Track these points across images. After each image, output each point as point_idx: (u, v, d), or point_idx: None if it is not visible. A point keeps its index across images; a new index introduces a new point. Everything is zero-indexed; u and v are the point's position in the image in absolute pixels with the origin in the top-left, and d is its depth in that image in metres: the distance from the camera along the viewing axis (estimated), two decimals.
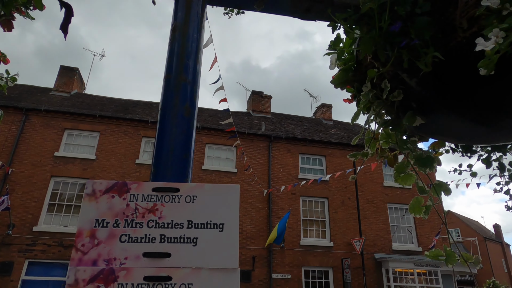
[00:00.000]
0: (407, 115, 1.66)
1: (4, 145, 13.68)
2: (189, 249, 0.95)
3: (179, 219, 0.97)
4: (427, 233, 16.09)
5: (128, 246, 0.93)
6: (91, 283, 0.87)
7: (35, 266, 12.58)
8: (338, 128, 18.88)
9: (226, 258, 0.95)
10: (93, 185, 0.99)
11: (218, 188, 1.02)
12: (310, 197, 15.60)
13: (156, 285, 0.91)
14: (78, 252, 0.90)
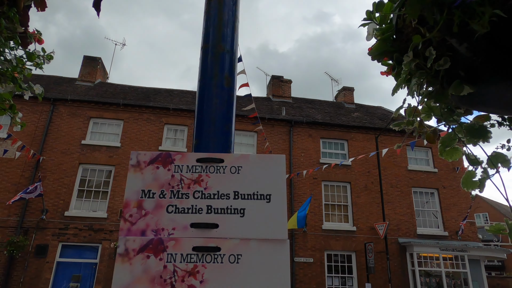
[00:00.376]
0: (454, 84, 1.55)
1: (35, 134, 14.24)
2: (236, 220, 0.93)
3: (225, 190, 0.95)
4: (453, 217, 15.68)
5: (175, 216, 0.92)
6: (141, 253, 0.87)
7: (68, 248, 13.22)
8: (361, 112, 18.46)
9: (274, 229, 0.93)
10: (137, 156, 0.97)
11: (263, 159, 0.99)
12: (332, 182, 15.46)
13: (205, 255, 0.90)
14: (126, 223, 0.90)
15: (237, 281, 0.88)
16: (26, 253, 12.67)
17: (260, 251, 0.91)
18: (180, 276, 0.87)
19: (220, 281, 0.88)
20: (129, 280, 0.85)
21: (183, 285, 0.87)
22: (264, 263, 0.90)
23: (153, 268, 0.87)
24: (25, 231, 12.98)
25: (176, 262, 0.89)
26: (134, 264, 0.87)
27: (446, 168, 16.48)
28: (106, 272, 12.92)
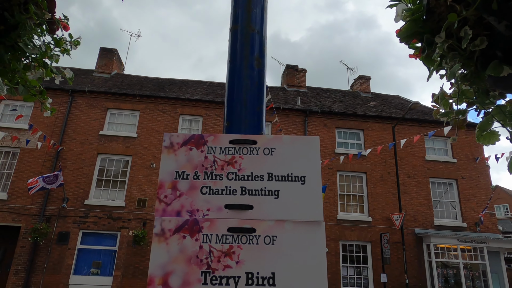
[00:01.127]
0: (492, 65, 1.49)
1: (54, 125, 14.60)
2: (271, 201, 0.92)
3: (259, 172, 0.94)
4: (472, 208, 15.34)
5: (209, 198, 0.92)
6: (177, 233, 0.87)
7: (88, 236, 13.63)
8: (377, 101, 18.11)
9: (310, 211, 0.91)
10: (170, 138, 0.97)
11: (297, 140, 0.97)
12: (348, 172, 15.33)
13: (241, 236, 0.89)
14: (161, 203, 0.90)
15: (273, 262, 0.87)
16: (49, 240, 13.14)
17: (295, 232, 0.90)
18: (216, 257, 0.87)
19: (256, 262, 0.87)
20: (166, 260, 0.86)
21: (219, 265, 0.87)
22: (300, 245, 0.89)
23: (190, 248, 0.88)
24: (47, 218, 13.44)
25: (211, 242, 0.89)
26: (170, 244, 0.88)
27: (465, 158, 16.07)
28: (125, 259, 13.28)
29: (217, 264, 0.87)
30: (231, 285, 0.85)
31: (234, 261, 0.87)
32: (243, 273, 0.86)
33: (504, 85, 1.69)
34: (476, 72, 1.58)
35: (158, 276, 0.85)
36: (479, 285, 14.14)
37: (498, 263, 14.73)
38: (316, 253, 0.88)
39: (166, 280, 0.84)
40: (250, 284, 0.85)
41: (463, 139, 16.35)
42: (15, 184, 13.74)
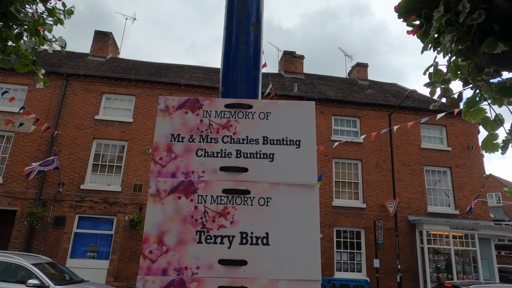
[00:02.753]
0: (487, 41, 1.48)
1: (49, 109, 14.45)
2: (266, 164, 0.93)
3: (254, 135, 0.94)
4: (465, 196, 15.56)
5: (205, 160, 0.92)
6: (172, 194, 0.88)
7: (85, 220, 13.68)
8: (374, 89, 18.09)
9: (304, 174, 0.92)
10: (166, 101, 0.97)
11: (293, 105, 0.97)
12: (343, 159, 15.42)
13: (235, 198, 0.90)
14: (156, 165, 0.91)
15: (267, 223, 0.89)
16: (45, 224, 13.18)
17: (289, 195, 0.91)
18: (211, 217, 0.88)
19: (250, 222, 0.88)
20: (161, 219, 0.87)
21: (214, 225, 0.88)
22: (294, 207, 0.90)
23: (185, 208, 0.88)
24: (43, 203, 13.44)
25: (206, 203, 0.90)
26: (165, 204, 0.88)
27: (460, 147, 16.21)
28: (121, 243, 13.39)
29: (212, 224, 0.88)
30: (225, 244, 0.86)
31: (229, 221, 0.88)
32: (238, 232, 0.88)
33: (501, 62, 1.70)
34: (472, 47, 1.58)
35: (153, 234, 0.86)
36: (469, 270, 14.47)
37: (488, 250, 15.06)
38: (309, 215, 0.89)
39: (161, 239, 0.86)
40: (244, 243, 0.87)
41: (458, 128, 16.46)
42: (10, 168, 13.68)
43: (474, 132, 16.68)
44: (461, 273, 14.32)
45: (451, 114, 15.08)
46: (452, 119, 16.15)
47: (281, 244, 0.87)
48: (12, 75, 14.61)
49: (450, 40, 1.51)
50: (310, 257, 0.86)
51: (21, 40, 1.43)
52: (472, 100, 1.56)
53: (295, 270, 0.85)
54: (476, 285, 9.18)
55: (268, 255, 0.86)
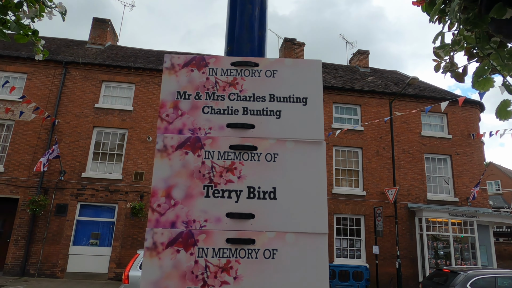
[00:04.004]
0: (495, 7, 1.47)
1: (49, 97, 14.39)
2: (272, 121, 0.93)
3: (260, 93, 0.94)
4: (465, 183, 15.63)
5: (211, 117, 0.92)
6: (180, 149, 0.88)
7: (86, 208, 13.77)
8: (375, 76, 17.98)
9: (311, 131, 0.92)
10: (171, 59, 0.96)
11: (300, 63, 0.96)
12: (344, 147, 15.43)
13: (242, 153, 0.90)
14: (163, 122, 0.90)
15: (274, 178, 0.89)
16: (47, 212, 13.27)
17: (296, 151, 0.91)
18: (218, 172, 0.89)
19: (257, 177, 0.89)
20: (169, 173, 0.87)
21: (222, 180, 0.88)
22: (301, 163, 0.90)
23: (192, 164, 0.89)
24: (45, 191, 13.51)
25: (214, 158, 0.90)
26: (173, 159, 0.89)
27: (460, 134, 16.21)
28: (123, 231, 13.51)
29: (219, 178, 0.88)
30: (233, 198, 0.87)
31: (236, 176, 0.88)
32: (245, 187, 0.88)
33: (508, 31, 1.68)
34: (479, 15, 1.56)
35: (161, 188, 0.86)
36: (467, 256, 14.64)
37: (487, 236, 15.20)
38: (316, 171, 0.90)
39: (169, 193, 0.86)
40: (251, 198, 0.87)
41: (460, 116, 16.42)
42: (11, 156, 13.70)
43: (475, 120, 16.66)
44: (460, 259, 14.49)
45: (452, 101, 15.02)
46: (454, 107, 16.10)
47: (288, 198, 0.87)
48: (11, 63, 14.50)
49: (458, 3, 1.49)
50: (317, 211, 0.87)
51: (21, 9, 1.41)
52: (481, 69, 1.55)
53: (302, 223, 0.86)
54: (473, 271, 9.29)
55: (276, 209, 0.86)
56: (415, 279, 14.22)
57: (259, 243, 0.84)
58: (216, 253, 0.83)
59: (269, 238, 0.84)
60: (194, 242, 0.83)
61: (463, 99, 10.61)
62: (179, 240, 0.83)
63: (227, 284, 0.81)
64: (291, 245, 0.84)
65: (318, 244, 0.85)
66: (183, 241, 0.83)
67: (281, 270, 0.82)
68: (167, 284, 0.80)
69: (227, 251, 0.83)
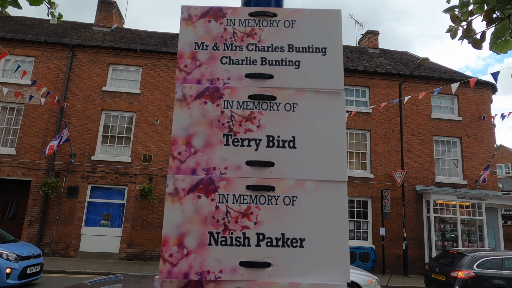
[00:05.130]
0: None
1: (57, 81, 14.46)
2: (291, 71, 0.92)
3: (279, 43, 0.92)
4: (474, 166, 15.49)
5: (229, 67, 0.91)
6: (198, 99, 0.88)
7: (97, 190, 14.04)
8: (385, 57, 17.64)
9: (330, 80, 0.91)
10: (188, 10, 0.95)
11: (318, 13, 0.94)
12: (352, 130, 15.32)
13: (261, 103, 0.90)
14: (181, 72, 0.90)
15: (293, 127, 0.89)
16: (59, 194, 13.56)
17: (315, 101, 0.90)
18: (238, 121, 0.89)
19: (276, 126, 0.89)
20: (188, 123, 0.88)
21: (241, 129, 0.88)
22: (320, 112, 0.89)
23: (211, 113, 0.89)
24: (56, 173, 13.77)
25: (233, 108, 0.90)
26: (192, 108, 0.89)
27: (471, 116, 15.95)
28: (133, 212, 13.77)
29: (238, 128, 0.88)
30: (252, 147, 0.87)
31: (255, 126, 0.89)
32: (264, 136, 0.88)
33: None
34: None
35: (181, 137, 0.87)
36: (474, 239, 14.66)
37: (495, 219, 15.16)
38: (335, 121, 0.89)
39: (189, 141, 0.87)
40: (271, 146, 0.87)
41: (471, 97, 16.12)
42: (22, 139, 13.92)
43: (487, 102, 16.35)
44: (467, 241, 14.52)
45: (463, 82, 14.72)
46: (465, 88, 15.79)
47: (307, 147, 0.87)
48: (19, 47, 14.54)
49: None
50: (336, 159, 0.87)
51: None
52: (500, 30, 1.50)
53: (322, 171, 0.86)
54: (480, 252, 9.32)
55: (295, 158, 0.87)
56: (422, 261, 14.34)
57: (279, 190, 0.85)
58: (237, 199, 0.84)
59: (288, 186, 0.85)
60: (214, 189, 0.84)
61: (475, 80, 10.38)
62: (200, 187, 0.84)
63: (248, 229, 0.82)
64: (310, 193, 0.84)
65: (337, 192, 0.85)
66: (204, 187, 0.84)
67: (301, 217, 0.83)
68: (189, 228, 0.81)
69: (247, 197, 0.84)
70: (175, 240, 0.80)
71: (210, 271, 0.79)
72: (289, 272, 0.79)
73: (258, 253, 0.80)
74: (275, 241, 0.81)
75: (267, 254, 0.80)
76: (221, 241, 0.81)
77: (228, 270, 0.79)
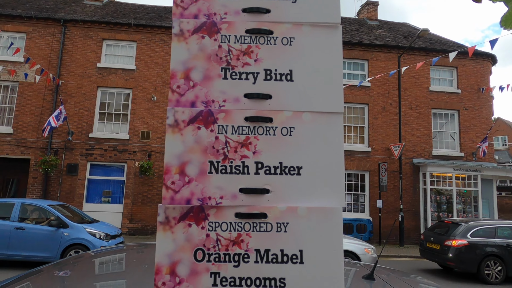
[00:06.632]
0: None
1: (50, 57, 14.20)
2: (288, 5, 0.91)
3: None
4: (471, 138, 15.60)
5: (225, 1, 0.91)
6: (196, 33, 0.87)
7: (96, 167, 14.12)
8: (384, 29, 17.33)
9: (327, 14, 0.91)
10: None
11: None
12: (350, 104, 15.29)
13: (258, 37, 0.90)
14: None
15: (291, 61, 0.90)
16: (59, 171, 13.64)
17: (312, 35, 0.90)
18: (235, 55, 0.89)
19: (274, 60, 0.90)
20: (187, 57, 0.88)
21: (238, 63, 0.89)
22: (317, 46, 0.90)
23: (209, 47, 0.89)
24: (55, 151, 13.79)
25: (230, 42, 0.90)
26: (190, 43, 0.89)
27: (470, 89, 15.90)
28: (133, 189, 13.93)
29: (236, 61, 0.89)
30: (250, 80, 0.88)
31: (253, 59, 0.89)
32: (262, 69, 0.89)
33: None
34: None
35: (180, 71, 0.88)
36: (469, 210, 14.99)
37: (490, 190, 15.45)
38: (332, 54, 0.90)
39: (187, 74, 0.87)
40: (268, 79, 0.88)
41: (470, 69, 15.99)
42: (19, 118, 13.84)
43: (486, 74, 16.24)
44: (462, 212, 14.86)
45: (463, 54, 14.57)
46: (464, 60, 15.64)
47: (304, 80, 0.89)
48: (8, 22, 14.16)
49: None
50: (332, 92, 0.88)
51: None
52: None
53: (318, 103, 0.88)
54: (474, 222, 9.55)
55: (292, 90, 0.88)
56: (417, 231, 14.72)
57: (276, 121, 0.87)
58: (236, 130, 0.86)
59: (286, 117, 0.87)
60: (214, 120, 0.86)
61: (473, 49, 10.27)
62: (200, 118, 0.85)
63: (247, 158, 0.84)
64: (307, 124, 0.87)
65: (334, 123, 0.87)
66: (203, 119, 0.85)
67: (298, 146, 0.86)
68: (190, 157, 0.83)
69: (246, 128, 0.86)
70: (177, 169, 0.83)
71: (211, 197, 0.82)
72: (287, 198, 0.83)
73: (257, 181, 0.83)
74: (273, 169, 0.84)
75: (265, 181, 0.83)
76: (221, 170, 0.84)
77: (228, 196, 0.82)
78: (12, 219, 8.30)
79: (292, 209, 0.82)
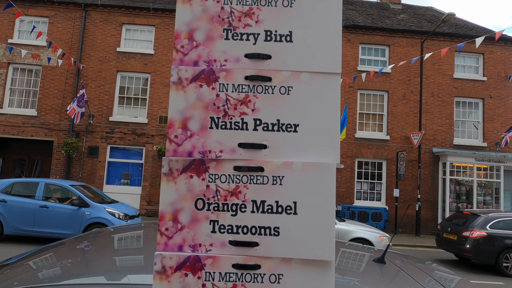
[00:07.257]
0: None
1: (71, 41, 14.54)
2: None
3: None
4: (496, 128, 15.04)
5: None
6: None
7: (116, 150, 14.54)
8: (407, 13, 16.73)
9: None
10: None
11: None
12: (369, 90, 14.98)
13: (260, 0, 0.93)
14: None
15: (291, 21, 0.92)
16: (80, 153, 14.14)
17: None
18: (237, 17, 0.92)
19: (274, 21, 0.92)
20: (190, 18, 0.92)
21: (240, 24, 0.92)
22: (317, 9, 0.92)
23: (212, 9, 0.92)
24: (76, 134, 14.27)
25: (232, 4, 0.93)
26: (194, 4, 0.92)
27: (496, 76, 15.23)
28: (151, 172, 14.29)
29: (238, 22, 0.92)
30: (251, 41, 0.91)
31: (254, 21, 0.92)
32: (262, 30, 0.91)
33: None
34: None
35: (184, 31, 0.91)
36: (490, 201, 14.59)
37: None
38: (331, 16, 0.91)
39: (191, 35, 0.91)
40: (268, 40, 0.91)
41: (497, 56, 15.29)
42: (43, 101, 14.34)
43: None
44: (482, 203, 14.48)
45: (490, 40, 13.93)
46: (492, 46, 14.96)
47: (304, 40, 0.91)
48: (32, 7, 14.53)
49: None
50: (330, 52, 0.90)
51: None
52: None
53: (316, 63, 0.90)
54: (494, 213, 9.31)
55: (291, 50, 0.91)
56: (434, 221, 14.49)
57: (275, 81, 0.90)
58: (236, 88, 0.89)
59: (285, 77, 0.90)
60: (215, 78, 0.90)
61: (500, 34, 9.79)
62: (202, 77, 0.89)
63: (246, 115, 0.88)
64: (305, 83, 0.89)
65: (331, 83, 0.89)
66: (205, 77, 0.89)
67: (295, 105, 0.89)
68: (192, 113, 0.88)
69: (246, 87, 0.89)
70: (180, 124, 0.87)
71: (212, 150, 0.87)
72: (284, 153, 0.86)
73: (255, 136, 0.87)
74: (271, 126, 0.88)
75: (263, 137, 0.87)
76: (221, 125, 0.88)
77: (227, 150, 0.87)
78: (37, 198, 8.72)
79: (288, 164, 0.85)
